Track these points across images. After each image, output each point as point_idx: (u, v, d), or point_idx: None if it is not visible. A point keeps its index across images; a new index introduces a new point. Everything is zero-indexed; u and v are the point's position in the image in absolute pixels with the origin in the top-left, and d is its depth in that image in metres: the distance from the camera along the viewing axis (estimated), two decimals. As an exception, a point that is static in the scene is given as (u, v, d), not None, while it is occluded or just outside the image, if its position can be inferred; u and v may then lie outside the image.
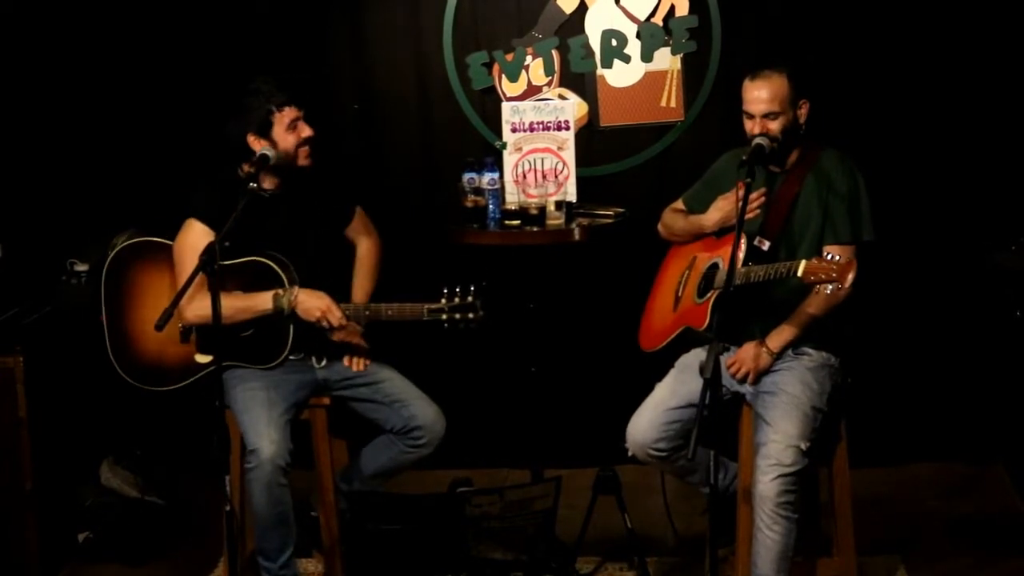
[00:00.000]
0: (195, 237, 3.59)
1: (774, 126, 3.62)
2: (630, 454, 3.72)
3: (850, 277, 3.24)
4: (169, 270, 3.72)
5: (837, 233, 3.65)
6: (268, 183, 3.73)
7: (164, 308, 3.20)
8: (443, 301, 3.61)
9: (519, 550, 3.62)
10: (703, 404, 3.10)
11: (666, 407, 3.67)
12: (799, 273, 3.34)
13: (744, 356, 3.64)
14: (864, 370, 3.82)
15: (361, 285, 3.96)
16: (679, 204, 3.96)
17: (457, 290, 3.61)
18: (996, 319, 4.49)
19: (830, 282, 3.27)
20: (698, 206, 3.87)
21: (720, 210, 3.73)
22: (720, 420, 3.25)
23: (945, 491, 4.54)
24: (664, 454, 3.67)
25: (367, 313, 3.69)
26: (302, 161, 3.72)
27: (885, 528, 4.20)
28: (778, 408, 3.56)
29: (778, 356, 3.62)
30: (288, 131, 3.68)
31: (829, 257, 3.28)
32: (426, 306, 3.62)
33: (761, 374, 3.62)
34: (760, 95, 3.61)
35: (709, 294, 3.70)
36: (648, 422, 3.67)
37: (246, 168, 3.68)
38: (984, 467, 4.68)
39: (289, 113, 3.68)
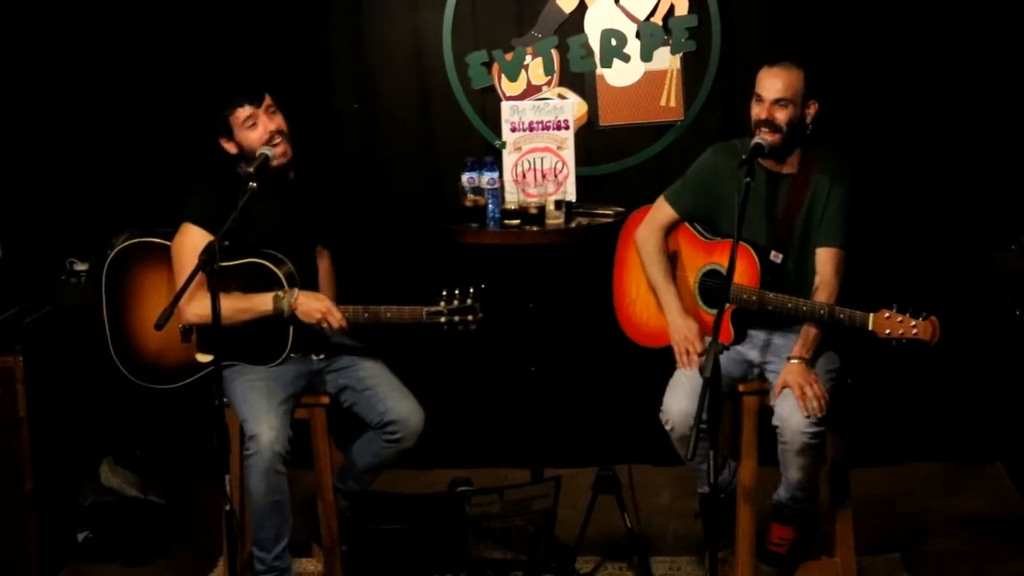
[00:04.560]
0: (192, 239, 3.60)
1: (781, 115, 3.63)
2: (669, 428, 3.65)
3: (938, 335, 3.41)
4: (168, 270, 3.72)
5: (829, 237, 3.68)
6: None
7: (164, 307, 3.20)
8: (442, 304, 3.61)
9: (519, 550, 3.62)
10: (702, 404, 3.11)
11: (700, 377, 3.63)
12: (869, 327, 3.41)
13: (793, 380, 3.57)
14: (864, 370, 3.82)
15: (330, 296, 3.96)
16: (663, 214, 3.86)
17: (456, 292, 3.61)
18: (996, 319, 4.49)
19: (911, 338, 3.39)
20: (685, 206, 3.83)
21: (680, 342, 3.73)
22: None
23: (945, 491, 4.54)
24: (705, 425, 3.57)
25: (366, 316, 3.69)
26: (278, 159, 3.68)
27: (885, 528, 4.20)
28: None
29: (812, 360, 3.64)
30: (247, 129, 3.68)
31: (896, 310, 3.38)
32: (425, 309, 3.62)
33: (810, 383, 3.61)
34: (775, 82, 3.63)
35: (726, 307, 3.68)
36: (687, 392, 3.60)
37: (244, 168, 3.70)
38: (984, 467, 4.68)
39: (242, 112, 3.67)
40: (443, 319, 3.60)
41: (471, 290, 3.61)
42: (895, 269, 4.51)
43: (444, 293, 3.62)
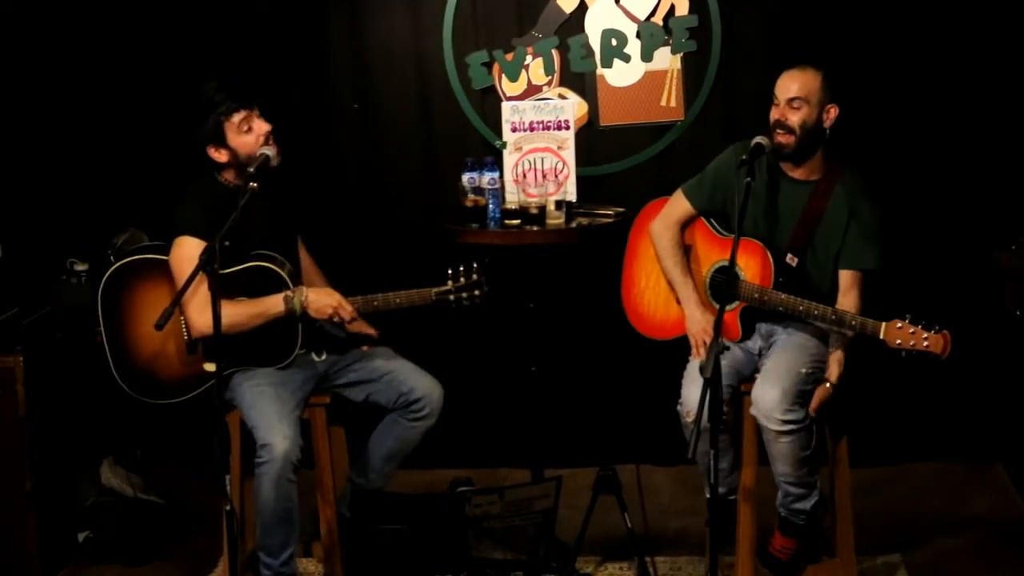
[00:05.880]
0: (190, 250, 3.56)
1: (794, 117, 3.63)
2: (691, 419, 3.63)
3: (949, 350, 3.37)
4: (166, 286, 3.70)
5: (850, 259, 3.68)
6: (237, 181, 3.70)
7: (165, 314, 3.19)
8: (449, 283, 3.70)
9: (519, 550, 3.61)
10: (702, 404, 3.10)
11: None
12: (880, 336, 3.41)
13: (816, 400, 3.60)
14: (864, 370, 3.82)
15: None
16: (680, 208, 3.87)
17: (461, 269, 3.71)
18: (996, 319, 4.49)
19: (922, 351, 3.37)
20: (702, 201, 3.84)
21: (697, 334, 3.75)
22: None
23: (945, 491, 4.53)
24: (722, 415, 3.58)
25: (376, 304, 3.71)
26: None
27: (885, 528, 4.20)
28: (780, 347, 3.68)
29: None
30: (243, 134, 3.66)
31: (909, 321, 3.37)
32: (434, 290, 3.70)
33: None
34: (790, 83, 3.65)
35: (735, 305, 3.68)
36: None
37: (226, 175, 3.70)
38: (984, 467, 4.68)
39: (238, 116, 3.65)
40: (452, 297, 3.70)
41: (475, 265, 3.71)
42: (894, 269, 4.50)
43: (450, 272, 3.71)
